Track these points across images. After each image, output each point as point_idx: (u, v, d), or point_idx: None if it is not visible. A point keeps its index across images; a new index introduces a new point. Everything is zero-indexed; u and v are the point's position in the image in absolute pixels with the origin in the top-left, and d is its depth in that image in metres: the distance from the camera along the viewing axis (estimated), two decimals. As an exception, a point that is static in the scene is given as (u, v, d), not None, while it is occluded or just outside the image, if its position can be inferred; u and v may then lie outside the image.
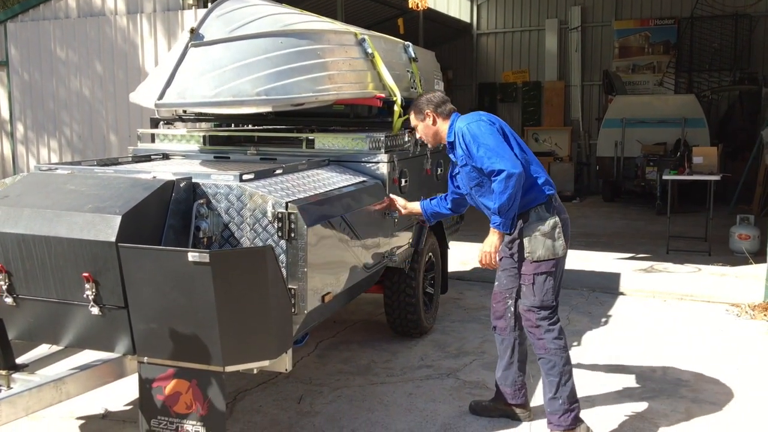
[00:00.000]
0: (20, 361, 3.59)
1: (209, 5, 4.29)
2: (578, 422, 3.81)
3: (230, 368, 3.09)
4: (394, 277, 5.12)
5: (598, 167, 14.20)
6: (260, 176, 3.70)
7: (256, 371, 3.31)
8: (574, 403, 3.80)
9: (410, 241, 5.04)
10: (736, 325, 5.95)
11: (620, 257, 8.65)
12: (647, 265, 8.22)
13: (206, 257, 2.85)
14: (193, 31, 3.92)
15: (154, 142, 5.13)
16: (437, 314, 5.86)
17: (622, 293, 7.00)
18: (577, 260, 8.19)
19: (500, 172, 3.61)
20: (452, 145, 3.98)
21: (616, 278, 7.54)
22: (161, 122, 5.41)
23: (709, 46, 14.88)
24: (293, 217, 3.38)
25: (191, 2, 8.62)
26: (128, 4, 9.07)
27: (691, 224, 10.32)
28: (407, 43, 5.83)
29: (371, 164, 4.54)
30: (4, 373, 3.39)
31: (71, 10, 9.44)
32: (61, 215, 3.20)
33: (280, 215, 3.38)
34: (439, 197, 4.45)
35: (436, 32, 15.48)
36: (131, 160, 4.65)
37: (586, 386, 4.61)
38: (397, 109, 4.93)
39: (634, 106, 13.76)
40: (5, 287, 3.35)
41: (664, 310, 6.44)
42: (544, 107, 16.36)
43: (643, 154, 12.94)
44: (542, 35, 16.32)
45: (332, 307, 4.06)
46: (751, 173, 11.55)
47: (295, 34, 4.24)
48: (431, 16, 14.04)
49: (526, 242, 3.77)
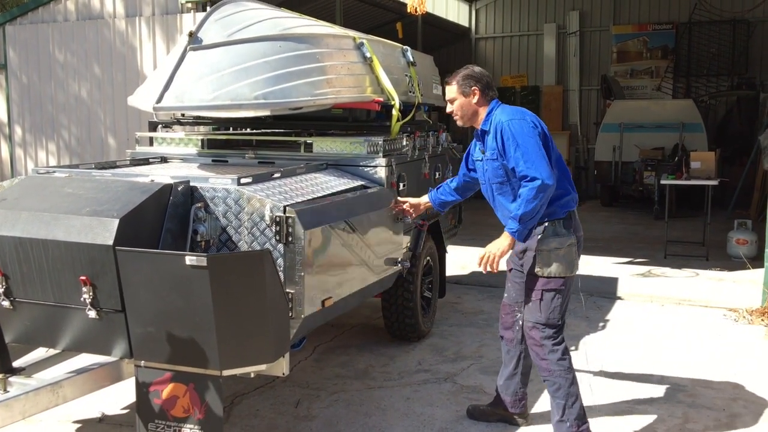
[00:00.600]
0: (17, 364, 3.58)
1: (208, 9, 4.29)
2: None
3: (227, 372, 3.09)
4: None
5: (596, 172, 14.20)
6: (258, 180, 3.70)
7: (253, 375, 3.31)
8: (582, 424, 3.68)
9: (408, 245, 5.04)
10: (733, 330, 5.95)
11: (618, 262, 8.66)
12: (645, 269, 8.22)
13: (204, 261, 2.85)
14: (191, 34, 3.92)
15: (152, 145, 5.13)
16: (435, 318, 5.86)
17: (620, 298, 7.00)
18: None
19: (533, 179, 3.42)
20: (484, 134, 3.75)
21: (613, 283, 7.54)
22: (159, 125, 5.41)
23: (706, 51, 14.91)
24: (291, 220, 3.38)
25: (190, 6, 8.63)
26: (127, 7, 9.08)
27: (688, 229, 10.33)
28: (406, 47, 5.84)
29: (369, 168, 4.54)
30: (0, 376, 3.38)
31: (70, 13, 9.44)
32: (58, 218, 3.20)
33: (277, 219, 3.38)
34: (444, 183, 4.32)
35: (434, 36, 15.51)
36: (129, 163, 4.65)
37: (583, 391, 4.61)
38: (395, 113, 4.93)
39: (632, 110, 13.78)
40: (2, 290, 3.35)
41: (661, 314, 6.45)
42: (542, 111, 16.34)
43: (641, 158, 12.95)
44: (540, 40, 16.34)
45: (334, 311, 3.99)
46: (748, 178, 11.57)
47: (293, 38, 4.24)
48: (430, 20, 14.06)
49: (538, 257, 3.60)
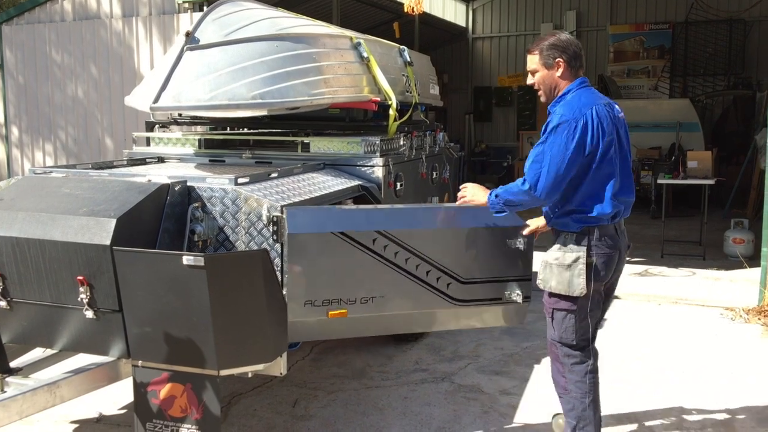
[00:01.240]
0: (14, 364, 3.57)
1: (205, 9, 4.29)
2: None
3: (225, 372, 3.09)
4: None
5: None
6: (255, 180, 3.70)
7: (250, 375, 3.31)
8: None
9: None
10: (730, 329, 5.96)
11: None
12: (642, 269, 8.24)
13: (201, 261, 2.85)
14: (188, 34, 3.92)
15: (149, 145, 5.12)
16: (432, 318, 5.86)
17: (616, 297, 7.00)
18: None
19: (525, 182, 3.23)
20: (549, 116, 3.40)
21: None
22: (156, 125, 5.41)
23: (703, 50, 14.94)
24: (281, 220, 3.38)
25: (187, 6, 8.62)
26: (124, 7, 9.07)
27: (685, 228, 10.35)
28: (403, 47, 5.85)
29: (366, 168, 4.54)
30: (-2, 377, 3.38)
31: (66, 13, 9.43)
32: (55, 218, 3.20)
33: (275, 219, 3.38)
34: None
35: (431, 36, 15.52)
36: (126, 163, 4.66)
37: (580, 390, 4.62)
38: (392, 113, 4.94)
39: (628, 110, 13.61)
40: (-1, 291, 3.34)
41: (658, 314, 6.46)
42: (539, 111, 16.37)
43: (638, 158, 12.95)
44: (537, 40, 16.37)
45: (345, 328, 3.55)
46: (745, 177, 11.58)
47: (290, 37, 4.25)
48: (427, 20, 14.07)
49: (540, 268, 3.39)
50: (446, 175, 5.97)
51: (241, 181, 3.57)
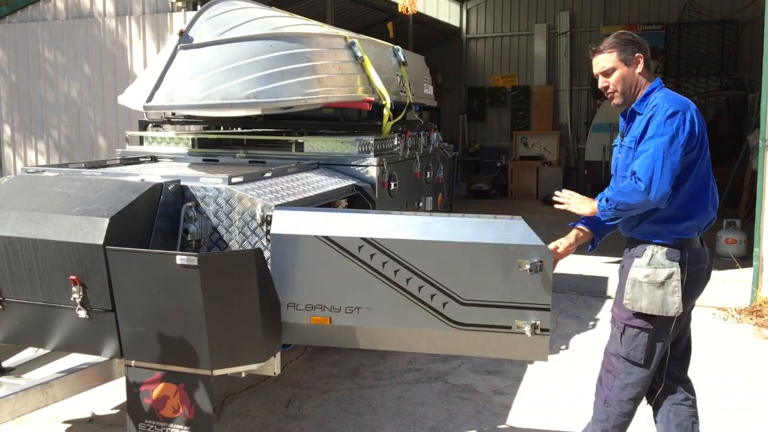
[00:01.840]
0: (6, 364, 3.57)
1: (199, 8, 4.28)
2: None
3: (218, 372, 3.08)
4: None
5: (586, 171, 14.24)
6: (249, 179, 3.70)
7: (244, 375, 3.30)
8: None
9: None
10: (722, 328, 5.99)
11: (608, 261, 8.68)
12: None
13: (194, 260, 2.85)
14: (182, 33, 3.91)
15: (142, 144, 5.11)
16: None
17: (610, 297, 7.02)
18: (565, 264, 8.21)
19: (639, 181, 2.89)
20: (633, 116, 3.09)
21: (603, 282, 7.56)
22: (150, 125, 5.40)
23: (696, 51, 14.99)
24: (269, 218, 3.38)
25: (180, 5, 8.60)
26: (117, 6, 9.04)
27: (678, 228, 10.37)
28: (397, 46, 5.85)
29: (361, 167, 4.54)
30: (-10, 376, 3.37)
31: (59, 12, 9.39)
32: (48, 218, 3.18)
33: (268, 218, 3.37)
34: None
35: (425, 36, 15.52)
36: (119, 162, 4.64)
37: (573, 389, 4.63)
38: (386, 112, 4.94)
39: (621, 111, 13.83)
40: (-9, 290, 3.33)
41: (651, 313, 6.47)
42: (532, 111, 16.39)
43: (631, 158, 13.00)
44: (531, 40, 16.38)
45: (329, 335, 3.36)
46: (737, 178, 11.63)
47: (284, 37, 4.24)
48: (421, 20, 14.07)
49: (627, 286, 3.05)
50: (440, 175, 5.98)
51: (234, 180, 3.57)
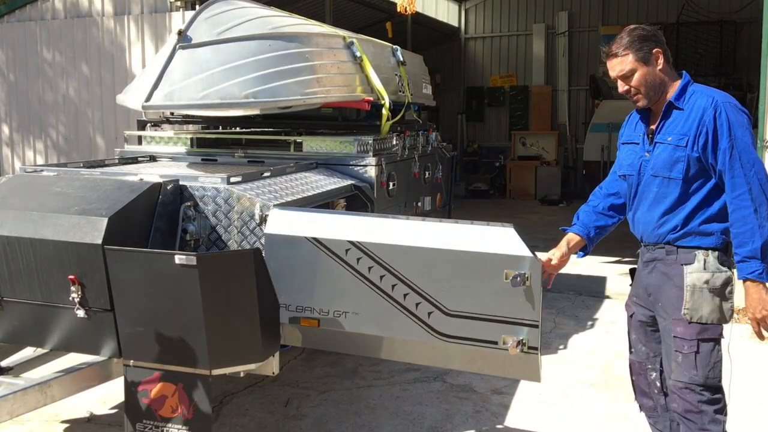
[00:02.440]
0: (5, 364, 3.57)
1: (197, 7, 4.28)
2: None
3: (217, 371, 3.08)
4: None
5: (584, 171, 14.26)
6: (248, 179, 3.70)
7: (242, 374, 3.30)
8: None
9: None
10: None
11: (606, 261, 8.70)
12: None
13: (193, 260, 2.85)
14: (180, 33, 3.91)
15: (141, 144, 5.11)
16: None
17: (608, 297, 7.03)
18: (563, 264, 8.21)
19: (750, 202, 2.63)
20: (669, 110, 2.83)
21: (602, 282, 7.58)
22: (148, 124, 5.39)
23: (694, 51, 15.00)
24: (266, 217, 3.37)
25: (179, 4, 8.59)
26: (115, 5, 9.03)
27: (676, 228, 10.39)
28: (395, 46, 5.85)
29: (359, 167, 4.54)
30: (-12, 376, 3.37)
31: (58, 11, 9.38)
32: (46, 217, 3.18)
33: (267, 218, 3.37)
34: (589, 201, 3.25)
35: (424, 36, 15.52)
36: (118, 162, 4.64)
37: (570, 391, 4.64)
38: (385, 112, 4.94)
39: (620, 110, 13.64)
40: (-10, 290, 3.33)
41: (649, 313, 6.48)
42: (531, 111, 16.41)
43: (629, 158, 13.02)
44: (530, 40, 16.39)
45: (319, 339, 3.34)
46: (735, 178, 11.66)
47: (283, 36, 4.24)
48: (419, 20, 14.07)
49: (687, 294, 2.78)
50: (439, 174, 5.98)
51: (233, 180, 3.57)
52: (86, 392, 3.58)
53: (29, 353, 3.71)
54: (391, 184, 4.76)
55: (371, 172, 4.53)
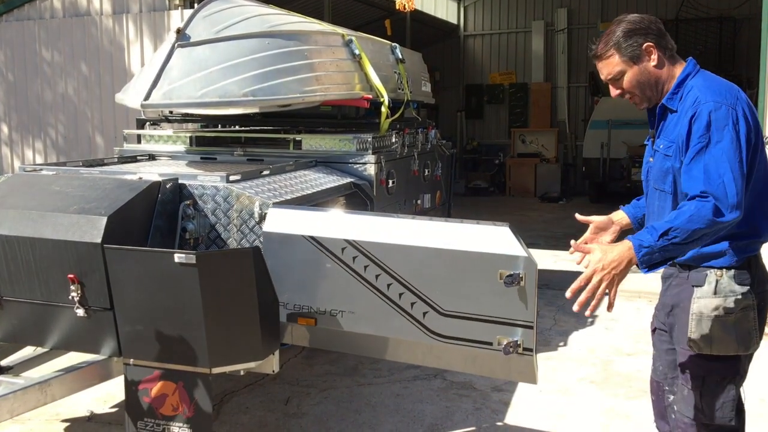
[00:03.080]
0: (5, 363, 3.57)
1: (196, 6, 4.28)
2: None
3: (217, 370, 3.08)
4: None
5: (584, 168, 14.26)
6: (247, 177, 3.70)
7: (243, 373, 3.31)
8: None
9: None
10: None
11: (606, 258, 8.68)
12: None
13: (193, 258, 2.85)
14: (179, 31, 3.91)
15: (140, 143, 5.11)
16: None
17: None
18: (563, 261, 8.22)
19: (706, 197, 2.26)
20: (664, 112, 2.52)
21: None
22: (147, 123, 5.39)
23: (693, 48, 14.96)
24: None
25: (177, 3, 8.58)
26: (114, 4, 9.02)
27: (676, 225, 10.38)
28: (394, 44, 5.85)
29: (358, 165, 4.54)
30: (-12, 375, 3.37)
31: (56, 10, 9.37)
32: (46, 216, 3.18)
33: (266, 216, 3.37)
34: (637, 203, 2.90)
35: (423, 34, 15.51)
36: (117, 161, 4.64)
37: (570, 388, 4.64)
38: (384, 110, 4.93)
39: (620, 107, 13.82)
40: (-11, 289, 3.33)
41: (649, 310, 6.44)
42: (530, 108, 16.41)
43: (629, 155, 13.02)
44: (529, 37, 16.38)
45: (318, 338, 3.34)
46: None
47: (282, 35, 4.24)
48: (418, 17, 14.07)
49: (692, 323, 2.45)
50: (438, 172, 5.98)
51: (232, 178, 3.56)
52: (86, 391, 3.59)
53: (29, 352, 3.71)
54: (390, 181, 4.76)
55: (370, 170, 4.53)
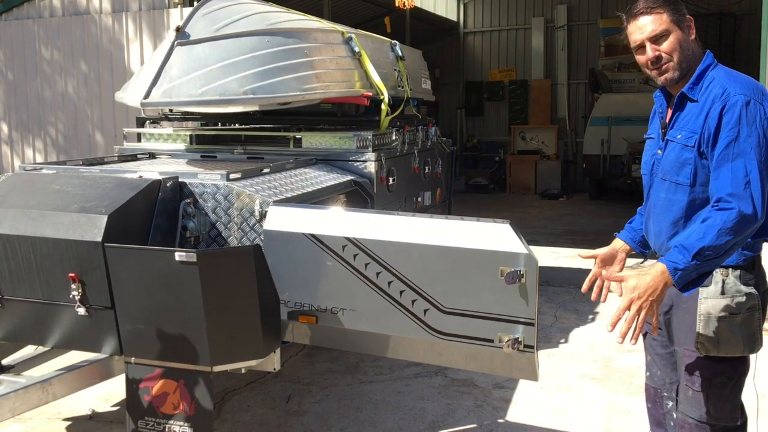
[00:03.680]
0: (6, 362, 3.57)
1: (195, 3, 4.27)
2: None
3: (218, 368, 3.08)
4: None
5: (584, 165, 14.27)
6: (247, 175, 3.69)
7: (244, 371, 3.31)
8: None
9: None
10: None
11: (607, 255, 8.69)
12: (633, 262, 8.24)
13: (193, 257, 2.85)
14: (178, 29, 3.90)
15: (140, 141, 5.10)
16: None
17: (610, 291, 7.02)
18: (563, 258, 8.22)
19: (730, 204, 2.23)
20: (682, 101, 2.45)
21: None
22: (147, 121, 5.38)
23: (694, 44, 15.00)
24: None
25: (177, 1, 8.57)
26: (113, 3, 9.01)
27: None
28: (394, 41, 5.84)
29: (359, 163, 4.54)
30: (-11, 374, 3.37)
31: (56, 9, 9.36)
32: (46, 215, 3.18)
33: (267, 214, 3.37)
34: (638, 213, 2.95)
35: (423, 31, 15.51)
36: (117, 159, 4.63)
37: (571, 385, 4.64)
38: (384, 107, 4.93)
39: (620, 104, 13.85)
40: (-10, 288, 3.33)
41: (650, 306, 6.47)
42: (530, 105, 16.41)
43: (629, 151, 13.02)
44: (528, 34, 16.38)
45: (319, 336, 3.33)
46: (735, 171, 11.66)
47: (281, 32, 4.23)
48: (418, 14, 14.07)
49: (700, 324, 2.40)
50: (438, 169, 5.98)
51: (233, 176, 3.56)
52: (88, 390, 3.59)
53: (30, 351, 3.71)
54: (390, 179, 4.76)
55: (371, 167, 4.53)
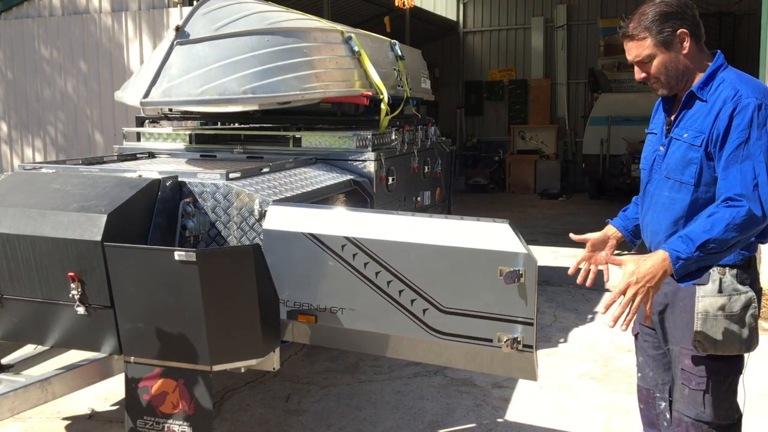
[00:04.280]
0: (5, 361, 3.57)
1: (195, 3, 4.27)
2: None
3: (218, 367, 3.08)
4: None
5: (584, 165, 14.27)
6: (247, 175, 3.69)
7: (243, 370, 3.31)
8: None
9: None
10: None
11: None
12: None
13: (193, 256, 2.85)
14: (178, 29, 3.90)
15: (139, 140, 5.10)
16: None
17: (607, 290, 7.02)
18: (563, 257, 8.23)
19: (739, 202, 2.24)
20: (690, 100, 2.47)
21: (601, 275, 7.56)
22: (147, 121, 5.38)
23: (693, 44, 15.00)
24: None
25: (177, 0, 8.57)
26: (113, 2, 9.01)
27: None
28: (394, 41, 5.84)
29: (358, 162, 4.54)
30: (-11, 373, 3.37)
31: (55, 8, 9.36)
32: (46, 214, 3.18)
33: (266, 214, 3.37)
34: (633, 202, 2.95)
35: (422, 30, 15.50)
36: (116, 159, 4.63)
37: (571, 384, 4.64)
38: (384, 107, 4.93)
39: (619, 103, 13.85)
40: (-10, 287, 3.33)
41: (649, 306, 6.48)
42: (530, 105, 16.41)
43: (628, 151, 13.02)
44: (528, 33, 16.38)
45: (319, 336, 3.35)
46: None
47: (281, 32, 4.23)
48: (418, 14, 14.06)
49: (697, 322, 2.41)
50: (438, 169, 5.98)
51: (232, 176, 3.56)
52: (87, 389, 3.59)
53: (30, 350, 3.72)
54: (390, 178, 4.76)
55: (370, 167, 4.53)
